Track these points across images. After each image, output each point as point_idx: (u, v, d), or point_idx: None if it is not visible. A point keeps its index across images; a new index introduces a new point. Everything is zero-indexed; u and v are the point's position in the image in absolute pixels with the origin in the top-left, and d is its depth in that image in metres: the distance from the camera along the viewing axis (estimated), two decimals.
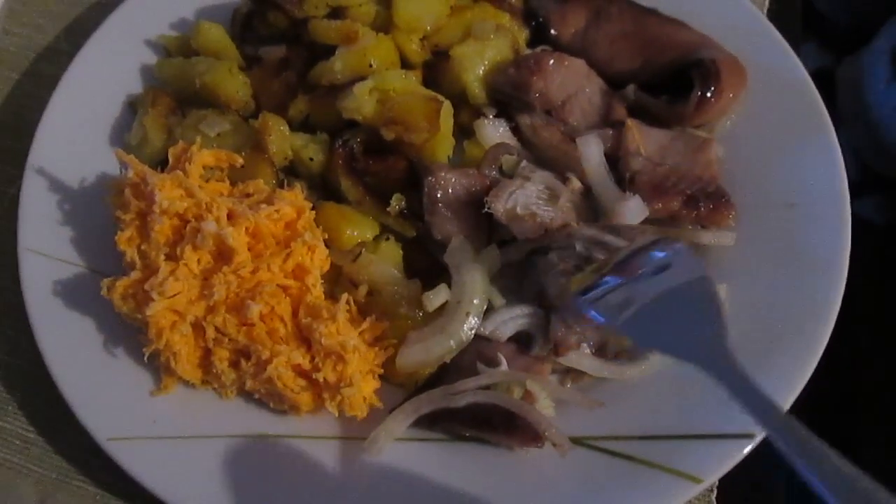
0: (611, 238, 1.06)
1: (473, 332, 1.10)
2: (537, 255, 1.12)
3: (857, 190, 1.21)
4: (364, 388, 1.08)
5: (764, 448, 1.04)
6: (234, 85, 1.28)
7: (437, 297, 1.13)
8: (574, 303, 0.98)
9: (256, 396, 1.12)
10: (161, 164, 1.24)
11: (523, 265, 1.15)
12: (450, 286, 1.14)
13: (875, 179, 1.98)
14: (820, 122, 1.24)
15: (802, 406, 1.06)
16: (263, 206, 1.14)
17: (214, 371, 1.10)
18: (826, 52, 2.24)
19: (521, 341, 1.12)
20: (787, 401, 1.05)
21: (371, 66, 1.24)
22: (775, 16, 1.48)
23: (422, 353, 1.09)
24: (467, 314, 1.10)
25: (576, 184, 1.19)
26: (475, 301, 1.11)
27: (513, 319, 1.11)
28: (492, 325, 1.10)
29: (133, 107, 1.35)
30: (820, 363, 1.07)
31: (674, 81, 1.27)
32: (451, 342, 1.09)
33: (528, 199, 1.14)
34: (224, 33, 1.36)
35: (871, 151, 2.00)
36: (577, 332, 1.08)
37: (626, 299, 0.92)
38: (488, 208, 1.14)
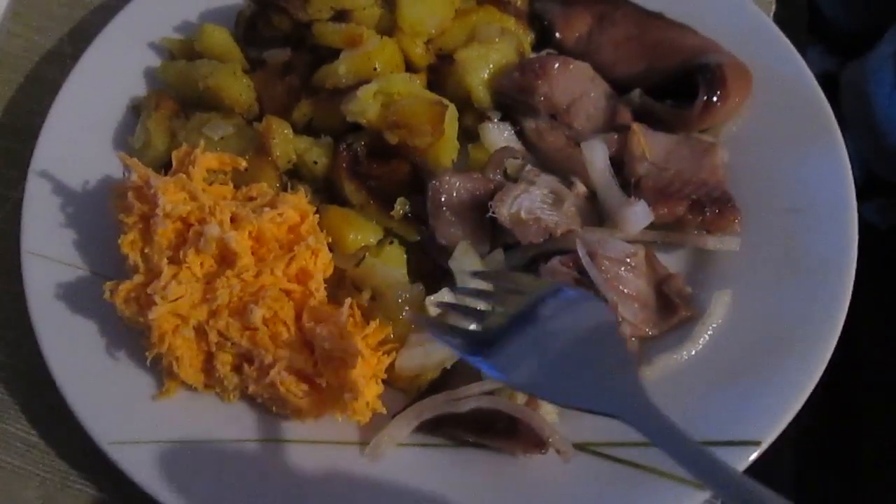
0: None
1: None
2: (540, 260, 1.12)
3: (860, 193, 1.21)
4: (367, 393, 1.07)
5: (769, 455, 1.03)
6: (238, 88, 1.28)
7: (439, 300, 1.12)
8: (466, 360, 0.87)
9: (259, 401, 1.12)
10: (164, 167, 1.24)
11: (527, 270, 1.14)
12: (452, 290, 1.13)
13: (878, 183, 1.98)
14: (826, 126, 1.24)
15: (806, 411, 1.06)
16: (267, 209, 1.13)
17: (217, 375, 1.09)
18: (830, 57, 2.23)
19: None
20: (793, 407, 1.05)
21: (375, 69, 1.24)
22: (781, 19, 1.48)
23: (421, 357, 1.09)
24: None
25: (580, 188, 1.19)
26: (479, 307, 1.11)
27: None
28: None
29: (136, 110, 1.35)
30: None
31: (679, 86, 1.27)
32: None
33: (532, 203, 1.14)
34: (228, 36, 1.36)
35: (874, 155, 1.99)
36: None
37: (527, 352, 0.83)
38: (493, 213, 1.14)
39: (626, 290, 1.10)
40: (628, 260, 1.12)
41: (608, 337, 0.84)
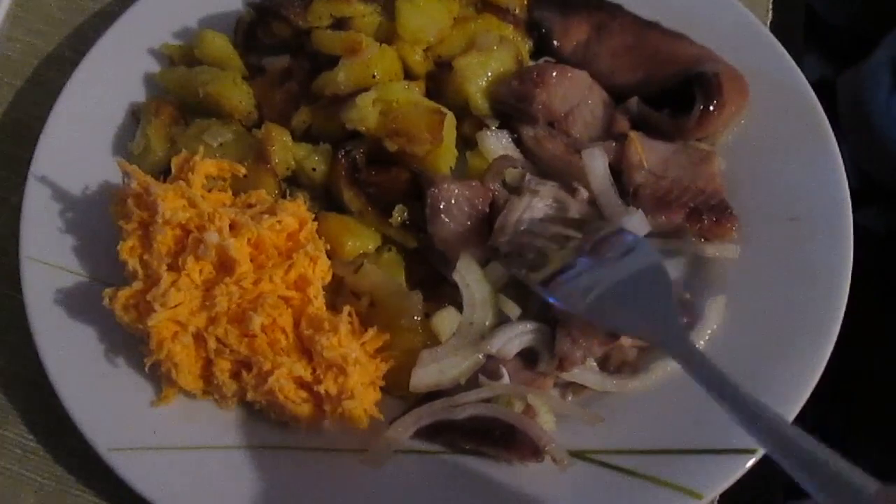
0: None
1: (487, 353, 1.10)
2: None
3: (858, 199, 1.22)
4: (365, 400, 1.08)
5: (765, 463, 1.04)
6: (238, 95, 1.28)
7: (446, 321, 1.13)
8: (537, 290, 1.05)
9: (257, 407, 1.12)
10: (163, 173, 1.24)
11: None
12: (453, 304, 1.14)
13: (875, 188, 1.98)
14: (822, 134, 1.25)
15: (803, 416, 1.06)
16: (266, 216, 1.14)
17: (215, 382, 1.10)
18: (827, 62, 2.24)
19: (526, 356, 1.11)
20: (790, 413, 1.06)
21: (374, 77, 1.24)
22: (778, 27, 1.48)
23: (436, 375, 1.09)
24: (481, 337, 1.11)
25: (583, 193, 1.19)
26: (487, 323, 1.12)
27: (519, 336, 1.10)
28: (499, 343, 1.10)
29: (136, 116, 1.35)
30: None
31: (676, 94, 1.27)
32: (466, 364, 1.10)
33: (533, 222, 1.14)
34: (228, 43, 1.36)
35: (872, 161, 2.00)
36: (583, 346, 1.07)
37: (589, 284, 1.02)
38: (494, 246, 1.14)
39: None
40: None
41: (655, 276, 1.03)
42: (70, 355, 1.15)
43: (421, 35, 1.29)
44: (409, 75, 1.30)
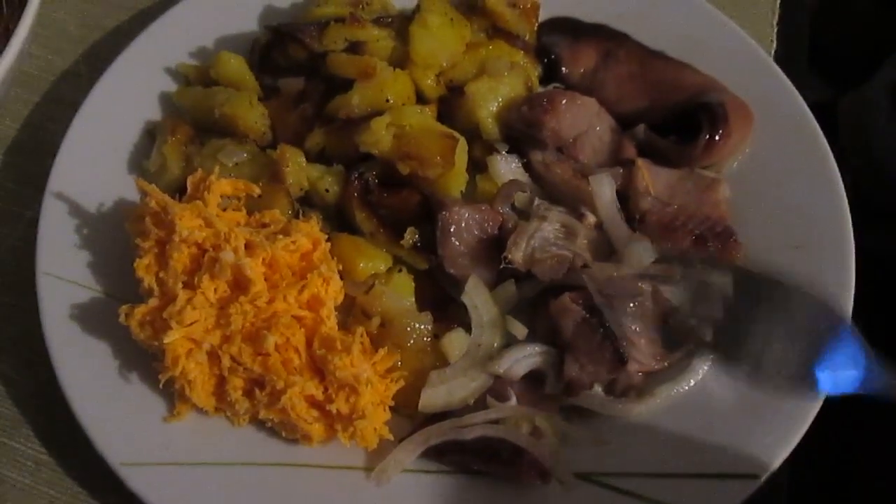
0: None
1: (495, 374, 1.12)
2: (550, 295, 1.15)
3: (859, 222, 1.24)
4: (375, 420, 1.09)
5: (769, 488, 1.06)
6: (253, 116, 1.31)
7: (455, 342, 1.15)
8: None
9: (268, 425, 1.13)
10: (179, 191, 1.26)
11: (536, 302, 1.17)
12: (462, 325, 1.16)
13: (875, 211, 2.00)
14: (825, 165, 1.27)
15: (807, 439, 1.08)
16: (280, 236, 1.15)
17: (228, 399, 1.11)
18: (827, 86, 2.27)
19: (533, 378, 1.14)
20: (795, 437, 1.07)
21: (388, 101, 1.26)
22: (781, 57, 1.51)
23: (445, 396, 1.11)
24: (490, 358, 1.13)
25: (591, 219, 1.21)
26: (495, 344, 1.14)
27: (526, 358, 1.13)
28: (506, 364, 1.12)
29: (152, 134, 1.37)
30: None
31: (682, 121, 1.30)
32: (474, 385, 1.12)
33: (545, 241, 1.16)
34: (244, 64, 1.38)
35: (872, 184, 2.02)
36: (591, 372, 1.10)
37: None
38: (507, 262, 1.15)
39: (633, 327, 1.13)
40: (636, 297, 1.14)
41: None
42: (84, 370, 1.16)
43: (433, 60, 1.32)
44: (421, 99, 1.32)
